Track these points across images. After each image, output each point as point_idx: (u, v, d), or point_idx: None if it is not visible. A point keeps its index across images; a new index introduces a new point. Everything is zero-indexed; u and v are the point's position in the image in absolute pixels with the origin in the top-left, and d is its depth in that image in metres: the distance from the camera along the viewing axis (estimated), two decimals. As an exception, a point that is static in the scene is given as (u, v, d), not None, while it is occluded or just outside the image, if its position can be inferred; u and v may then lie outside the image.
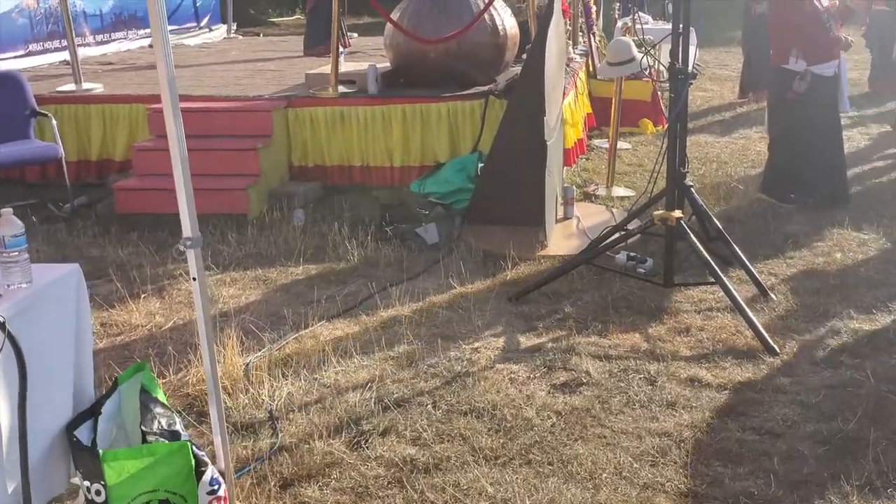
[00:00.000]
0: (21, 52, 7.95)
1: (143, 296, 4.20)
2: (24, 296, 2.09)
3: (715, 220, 4.35)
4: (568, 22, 7.08)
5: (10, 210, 2.13)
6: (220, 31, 11.79)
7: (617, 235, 4.30)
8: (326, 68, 6.34)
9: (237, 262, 4.64)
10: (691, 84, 4.04)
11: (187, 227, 2.30)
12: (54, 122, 5.62)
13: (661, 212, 4.00)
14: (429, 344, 3.65)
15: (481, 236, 4.85)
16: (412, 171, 5.90)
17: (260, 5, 22.13)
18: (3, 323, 1.93)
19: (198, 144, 5.61)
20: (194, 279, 2.32)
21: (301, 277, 4.43)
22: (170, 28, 8.70)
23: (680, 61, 3.85)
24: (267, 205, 5.50)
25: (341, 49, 6.39)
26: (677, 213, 3.97)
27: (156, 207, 5.26)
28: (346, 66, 6.56)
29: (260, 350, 3.58)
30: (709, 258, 3.91)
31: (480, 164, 5.27)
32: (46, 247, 4.87)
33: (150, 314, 4.00)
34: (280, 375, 3.36)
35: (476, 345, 3.65)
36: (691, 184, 4.22)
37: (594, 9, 8.44)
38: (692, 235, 3.96)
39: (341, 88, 6.07)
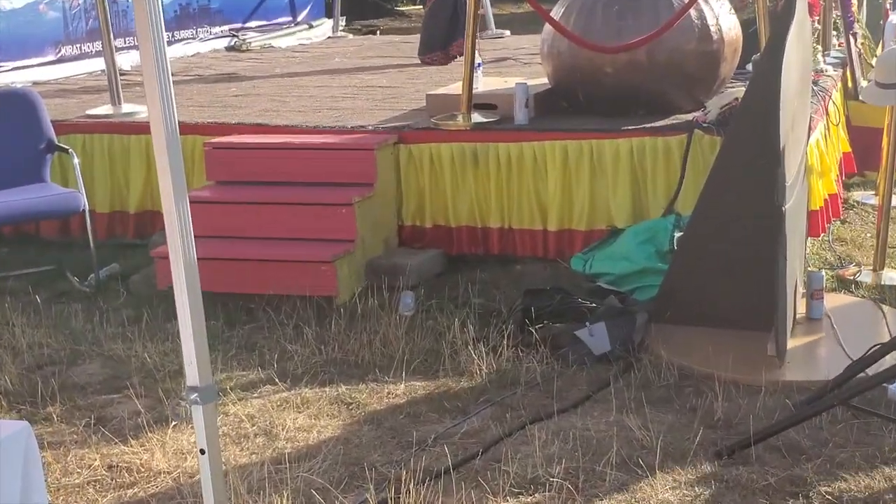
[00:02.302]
0: (51, 58, 8.25)
1: (173, 423, 4.00)
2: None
3: None
4: (816, 20, 6.66)
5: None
6: (324, 27, 11.99)
7: (893, 359, 3.81)
8: (456, 87, 6.16)
9: (313, 373, 4.45)
10: None
11: (194, 371, 1.99)
12: (76, 160, 5.65)
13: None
14: (588, 531, 3.24)
15: (676, 345, 4.53)
16: (574, 238, 5.67)
17: (387, -11, 22.69)
18: None
19: (272, 195, 5.61)
20: (203, 452, 2.00)
21: (402, 401, 4.18)
22: (255, 25, 8.90)
23: None
24: (363, 283, 5.35)
25: (478, 59, 6.15)
26: None
27: (211, 284, 5.08)
28: (484, 84, 6.40)
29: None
30: None
31: (678, 234, 4.97)
32: (53, 340, 4.81)
33: (180, 453, 3.79)
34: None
35: (664, 536, 3.20)
36: None
37: (854, -2, 7.94)
38: None
39: (476, 116, 5.92)
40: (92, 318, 5.03)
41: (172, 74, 8.09)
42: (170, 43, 9.41)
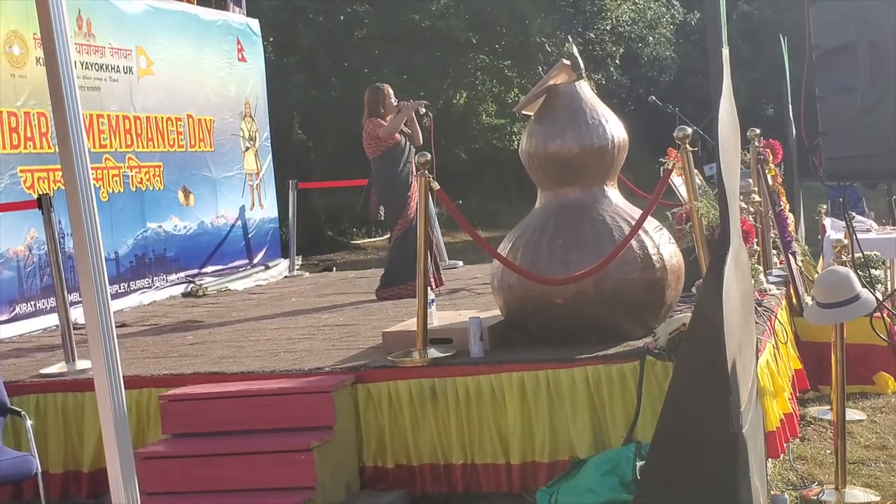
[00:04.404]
0: (5, 317, 8.21)
1: None
2: None
3: None
4: (755, 242, 6.84)
5: None
6: (280, 267, 12.18)
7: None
8: (411, 323, 6.23)
9: None
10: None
11: None
12: (29, 423, 5.57)
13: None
14: None
15: (648, 579, 4.35)
16: (538, 471, 5.61)
17: (340, 224, 23.22)
18: None
19: (228, 446, 5.54)
20: None
21: None
22: (212, 269, 8.93)
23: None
24: (325, 533, 5.22)
25: (431, 295, 6.25)
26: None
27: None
28: (438, 318, 6.46)
29: None
30: None
31: (640, 462, 4.94)
32: None
33: None
34: None
35: None
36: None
37: (790, 218, 8.20)
38: None
39: (432, 352, 5.95)
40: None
41: (128, 325, 8.08)
42: (126, 293, 9.50)
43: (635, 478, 4.91)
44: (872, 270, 7.57)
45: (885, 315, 6.17)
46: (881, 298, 4.38)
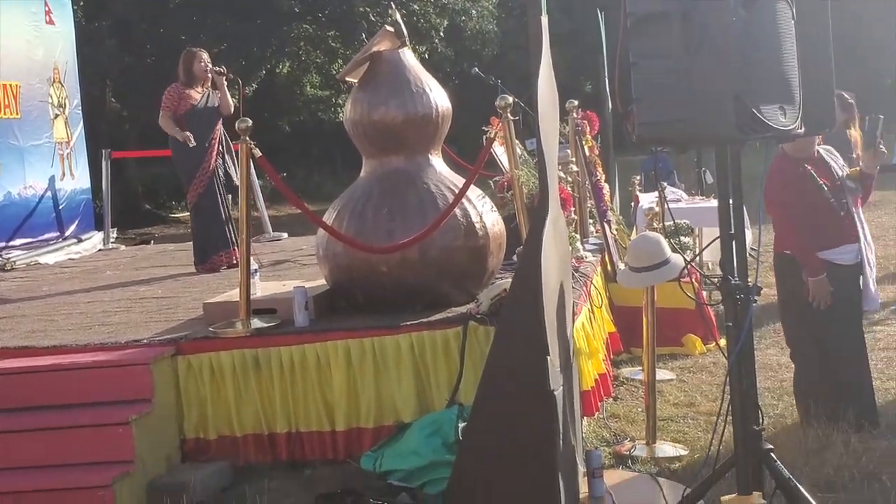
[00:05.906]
0: None
1: None
2: None
3: (809, 497, 4.05)
4: (573, 210, 7.08)
5: None
6: (94, 240, 11.88)
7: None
8: (234, 294, 6.21)
9: None
10: (755, 302, 3.95)
11: None
12: None
13: (731, 497, 3.71)
14: None
15: (467, 539, 4.50)
16: (363, 436, 5.69)
17: (158, 197, 22.71)
18: None
19: (41, 421, 5.40)
20: None
21: None
22: (21, 242, 8.63)
23: (735, 275, 3.68)
24: (145, 505, 5.16)
25: (254, 265, 6.21)
26: (757, 500, 3.68)
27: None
28: (262, 289, 6.44)
29: None
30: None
31: (462, 424, 5.04)
32: None
33: None
34: None
35: None
36: (771, 447, 4.05)
37: (606, 188, 8.52)
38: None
39: (255, 322, 5.95)
40: None
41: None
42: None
43: (458, 439, 5.02)
44: (682, 238, 7.99)
45: (693, 279, 6.51)
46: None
